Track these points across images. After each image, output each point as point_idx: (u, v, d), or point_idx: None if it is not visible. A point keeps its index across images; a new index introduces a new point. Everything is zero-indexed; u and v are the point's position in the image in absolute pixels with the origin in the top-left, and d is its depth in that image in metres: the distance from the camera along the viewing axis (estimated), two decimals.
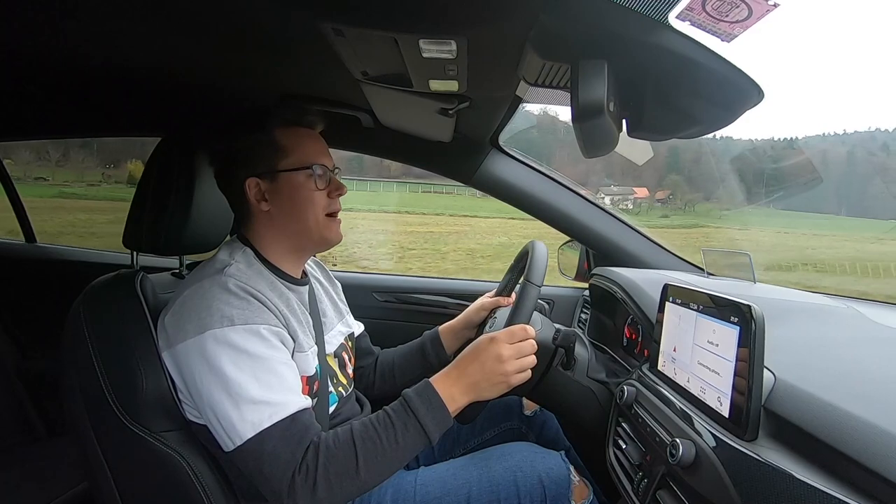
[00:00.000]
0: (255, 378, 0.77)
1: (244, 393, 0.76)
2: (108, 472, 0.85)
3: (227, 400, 0.76)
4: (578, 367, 1.06)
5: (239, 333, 0.78)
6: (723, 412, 0.66)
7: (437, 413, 0.82)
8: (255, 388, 0.77)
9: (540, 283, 0.96)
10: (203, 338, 0.77)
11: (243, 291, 0.81)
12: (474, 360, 0.86)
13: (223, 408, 0.76)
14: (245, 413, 0.76)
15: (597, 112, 0.67)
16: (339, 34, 0.74)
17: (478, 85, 0.93)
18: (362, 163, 7.93)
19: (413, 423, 0.80)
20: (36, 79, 1.22)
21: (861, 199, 6.42)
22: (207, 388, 0.77)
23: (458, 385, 0.84)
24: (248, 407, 0.76)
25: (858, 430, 0.54)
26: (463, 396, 0.84)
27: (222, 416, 0.76)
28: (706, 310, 0.75)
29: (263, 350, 0.79)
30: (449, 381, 0.85)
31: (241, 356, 0.77)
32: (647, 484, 0.77)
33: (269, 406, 0.77)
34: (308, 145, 0.94)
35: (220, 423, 0.77)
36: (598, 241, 1.52)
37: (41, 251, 1.97)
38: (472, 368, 0.85)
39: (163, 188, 0.95)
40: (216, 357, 0.77)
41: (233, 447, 0.76)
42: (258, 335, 0.79)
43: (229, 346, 0.77)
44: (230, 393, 0.76)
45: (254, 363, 0.78)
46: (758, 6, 0.51)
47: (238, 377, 0.76)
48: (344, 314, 1.14)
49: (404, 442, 0.80)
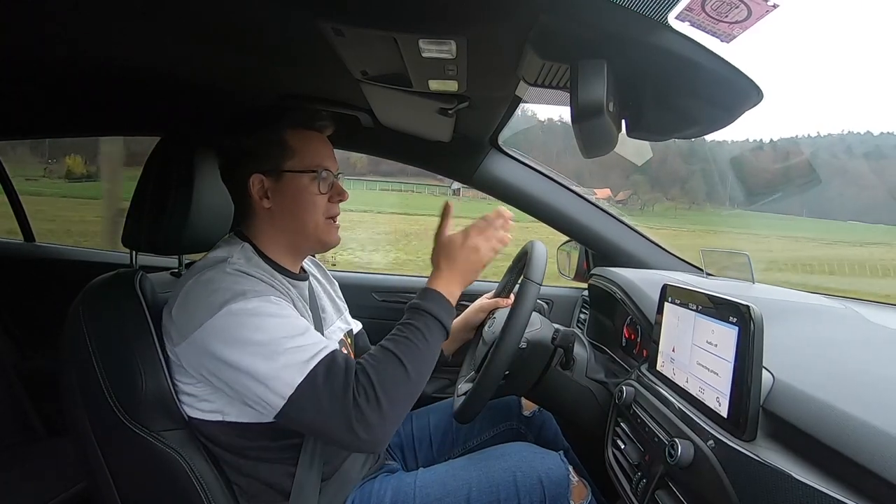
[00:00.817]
0: (283, 332, 0.78)
1: (278, 348, 0.76)
2: (106, 472, 0.84)
3: (263, 360, 0.75)
4: (577, 368, 1.06)
5: (253, 303, 0.78)
6: (721, 412, 0.67)
7: (443, 306, 0.90)
8: (287, 340, 0.77)
9: (540, 280, 0.96)
10: (220, 316, 0.77)
11: (246, 274, 0.82)
12: (451, 257, 0.95)
13: (261, 369, 0.75)
14: (286, 363, 0.76)
15: (596, 112, 0.67)
16: (339, 34, 0.74)
17: (477, 85, 0.93)
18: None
19: (430, 319, 0.87)
20: (35, 78, 1.21)
21: (820, 201, 6.49)
22: (238, 361, 0.76)
23: (447, 279, 0.93)
24: (287, 356, 0.76)
25: (856, 430, 0.54)
26: (455, 286, 0.93)
27: (264, 376, 0.75)
28: (705, 310, 0.75)
29: (280, 311, 0.80)
30: (440, 279, 0.93)
31: (262, 320, 0.78)
32: (645, 484, 0.77)
33: (306, 350, 0.78)
34: (316, 148, 0.94)
35: (264, 386, 0.75)
36: (598, 241, 1.52)
37: (40, 250, 1.97)
38: (453, 258, 0.95)
39: (162, 188, 0.95)
40: (238, 329, 0.76)
41: (283, 402, 0.75)
42: (272, 302, 0.80)
43: (248, 314, 0.77)
44: (263, 354, 0.76)
45: (277, 321, 0.79)
46: (757, 7, 0.51)
47: (266, 337, 0.77)
48: (342, 311, 1.14)
49: (430, 336, 0.86)
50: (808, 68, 37.38)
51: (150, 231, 0.95)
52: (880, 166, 5.14)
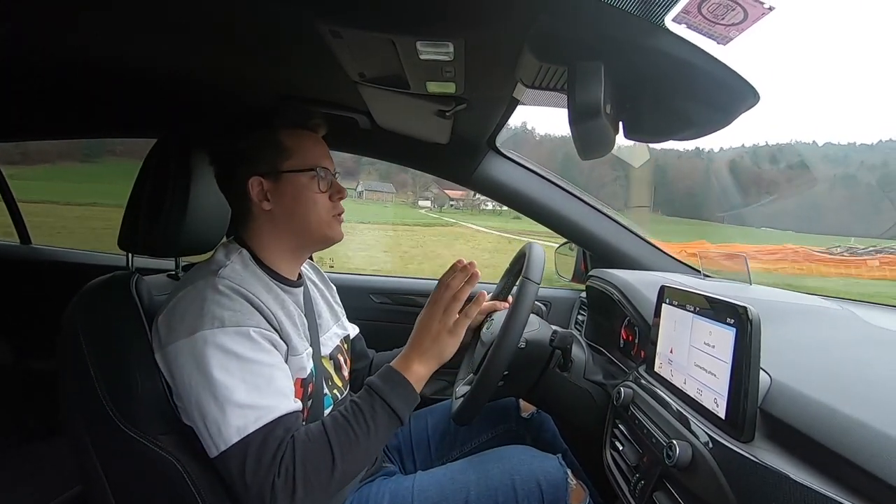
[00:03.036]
0: (242, 381, 0.76)
1: (231, 396, 0.75)
2: (101, 475, 0.84)
3: (213, 403, 0.75)
4: (575, 369, 1.06)
5: (229, 335, 0.77)
6: (719, 413, 0.67)
7: (401, 390, 0.87)
8: (243, 391, 0.76)
9: (538, 279, 0.96)
10: (193, 339, 0.77)
11: (235, 293, 0.81)
12: (416, 332, 0.94)
13: (210, 412, 0.76)
14: (230, 417, 0.75)
15: (593, 114, 0.67)
16: (337, 36, 0.74)
17: (475, 87, 0.93)
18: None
19: (380, 404, 0.84)
20: (30, 81, 1.21)
21: (739, 208, 6.62)
22: (196, 391, 0.77)
23: (412, 358, 0.91)
24: (234, 411, 0.75)
25: (854, 431, 0.54)
26: (420, 365, 0.90)
27: (209, 420, 0.76)
28: (702, 311, 0.75)
29: (252, 353, 0.79)
30: (404, 358, 0.91)
31: (229, 359, 0.77)
32: (643, 485, 0.77)
33: (255, 410, 0.76)
34: (311, 148, 0.94)
35: (206, 427, 0.76)
36: (595, 242, 1.52)
37: (36, 252, 1.96)
38: (417, 339, 0.93)
39: (158, 189, 0.95)
40: (205, 359, 0.76)
41: (217, 452, 0.76)
42: (248, 337, 0.79)
43: (218, 348, 0.77)
44: (216, 396, 0.75)
45: (242, 366, 0.77)
46: (753, 9, 0.52)
47: (225, 380, 0.76)
48: (339, 316, 1.14)
49: (375, 425, 0.82)
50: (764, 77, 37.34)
51: (146, 233, 0.95)
52: (793, 174, 5.26)
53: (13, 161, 2.04)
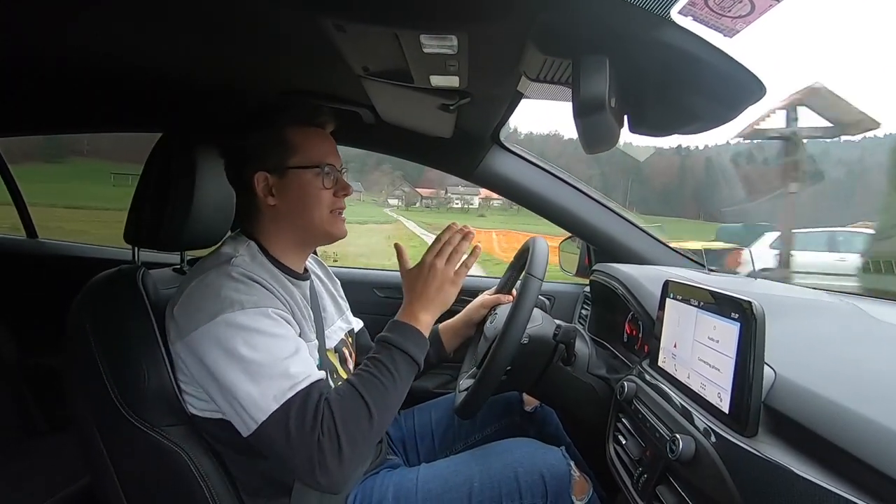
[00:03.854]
0: (270, 354, 0.78)
1: (262, 370, 0.77)
2: (110, 467, 0.85)
3: (245, 379, 0.76)
4: (579, 363, 1.06)
5: (249, 316, 0.79)
6: (723, 408, 0.67)
7: (412, 337, 0.89)
8: (273, 363, 0.77)
9: (541, 275, 0.96)
10: (215, 323, 0.78)
11: (249, 279, 0.82)
12: (416, 284, 0.95)
13: (243, 388, 0.76)
14: (266, 388, 0.76)
15: (598, 108, 0.67)
16: (340, 29, 0.73)
17: (479, 80, 0.93)
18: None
19: (397, 353, 0.87)
20: (36, 75, 1.21)
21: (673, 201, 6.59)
22: (224, 373, 0.77)
23: (416, 308, 0.93)
24: (268, 382, 0.76)
25: (858, 426, 0.54)
26: (425, 314, 0.93)
27: (243, 396, 0.76)
28: (706, 306, 0.75)
29: (275, 328, 0.80)
30: (408, 309, 0.93)
31: (253, 336, 0.78)
32: (647, 479, 0.77)
33: (289, 378, 0.77)
34: (318, 144, 0.94)
35: (240, 405, 0.77)
36: (599, 237, 1.52)
37: (43, 247, 1.97)
38: (419, 290, 0.94)
39: (163, 184, 0.95)
40: (230, 340, 0.77)
41: (256, 425, 0.76)
42: (268, 316, 0.80)
43: (241, 328, 0.78)
44: (248, 372, 0.76)
45: (268, 340, 0.79)
46: (760, 1, 0.51)
47: (254, 356, 0.77)
48: (344, 310, 1.14)
49: (398, 373, 0.85)
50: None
51: (151, 227, 0.95)
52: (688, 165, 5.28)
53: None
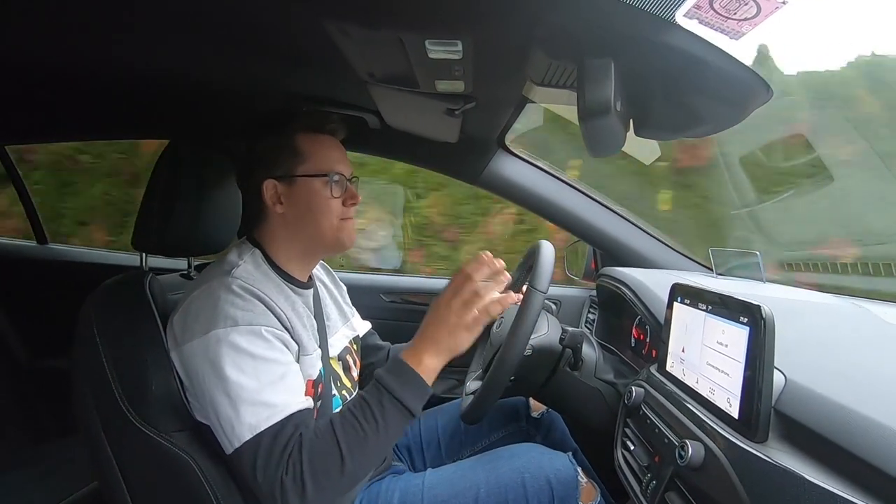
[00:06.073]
0: (254, 379, 0.77)
1: (243, 394, 0.76)
2: (117, 472, 0.85)
3: (226, 402, 0.77)
4: (586, 368, 1.05)
5: (242, 335, 0.78)
6: (732, 413, 0.66)
7: (410, 383, 0.82)
8: (255, 389, 0.77)
9: (545, 289, 0.92)
10: (207, 338, 0.78)
11: (248, 293, 0.82)
12: (430, 321, 0.86)
13: (224, 410, 0.77)
14: (244, 415, 0.76)
15: (603, 111, 0.67)
16: (345, 35, 0.74)
17: (484, 85, 0.93)
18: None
19: (388, 399, 0.81)
20: (45, 83, 1.23)
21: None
22: (209, 389, 0.78)
23: (422, 349, 0.85)
24: (247, 408, 0.76)
25: (870, 431, 0.53)
26: (432, 358, 0.84)
27: (223, 418, 0.77)
28: (715, 310, 0.74)
29: (265, 352, 0.80)
30: (414, 350, 0.85)
31: (242, 357, 0.78)
32: (655, 485, 0.76)
33: (267, 408, 0.77)
34: (327, 153, 0.94)
35: (220, 425, 0.78)
36: (606, 240, 1.51)
37: (53, 253, 1.99)
38: (430, 329, 0.86)
39: (171, 190, 0.96)
40: (218, 358, 0.77)
41: (231, 450, 0.77)
42: (260, 336, 0.80)
43: (232, 347, 0.78)
44: (230, 394, 0.76)
45: (256, 364, 0.78)
46: (766, 4, 0.51)
47: (238, 379, 0.77)
48: (349, 317, 1.14)
49: (383, 421, 0.80)
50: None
51: (159, 233, 0.96)
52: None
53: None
